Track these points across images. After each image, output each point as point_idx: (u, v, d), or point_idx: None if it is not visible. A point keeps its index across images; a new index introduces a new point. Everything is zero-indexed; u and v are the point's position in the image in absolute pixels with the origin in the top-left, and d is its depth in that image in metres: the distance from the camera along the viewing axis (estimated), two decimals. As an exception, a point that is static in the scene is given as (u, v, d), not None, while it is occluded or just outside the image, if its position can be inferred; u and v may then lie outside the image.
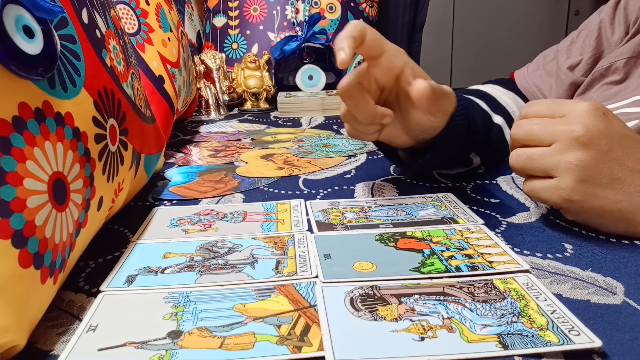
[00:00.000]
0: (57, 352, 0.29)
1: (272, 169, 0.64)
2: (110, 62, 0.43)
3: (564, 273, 0.36)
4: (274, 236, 0.43)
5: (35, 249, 0.28)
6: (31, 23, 0.30)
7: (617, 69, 0.57)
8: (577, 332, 0.28)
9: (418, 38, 1.50)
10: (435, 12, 2.88)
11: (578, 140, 0.38)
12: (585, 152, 0.38)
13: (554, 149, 0.39)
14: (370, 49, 0.44)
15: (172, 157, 0.72)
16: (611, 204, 0.39)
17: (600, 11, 0.64)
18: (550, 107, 0.42)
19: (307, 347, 0.28)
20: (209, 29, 1.25)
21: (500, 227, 0.44)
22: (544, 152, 0.40)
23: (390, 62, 0.45)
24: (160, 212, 0.50)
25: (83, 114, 0.36)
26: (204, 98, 1.07)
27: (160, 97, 0.73)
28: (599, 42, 0.62)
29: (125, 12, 0.73)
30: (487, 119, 0.59)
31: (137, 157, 0.48)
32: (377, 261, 0.38)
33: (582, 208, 0.39)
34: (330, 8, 1.21)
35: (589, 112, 0.39)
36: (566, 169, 0.39)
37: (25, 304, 0.28)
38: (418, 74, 0.46)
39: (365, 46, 0.44)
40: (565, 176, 0.39)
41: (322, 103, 1.03)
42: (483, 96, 0.63)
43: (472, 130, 0.53)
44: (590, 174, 0.38)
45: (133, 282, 0.36)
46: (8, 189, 0.27)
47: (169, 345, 0.29)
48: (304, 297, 0.33)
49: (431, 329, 0.29)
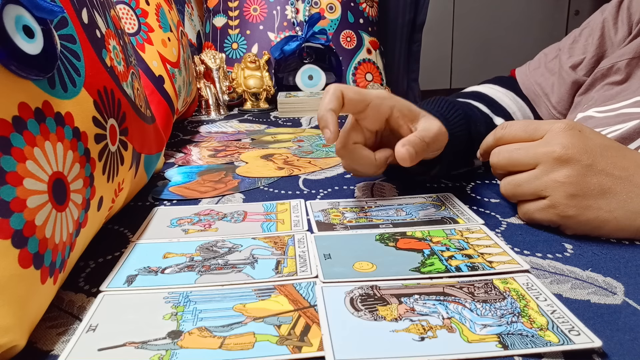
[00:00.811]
0: (57, 352, 0.29)
1: (272, 169, 0.64)
2: (110, 62, 0.43)
3: (564, 273, 0.36)
4: (274, 236, 0.43)
5: (35, 249, 0.28)
6: (31, 23, 0.30)
7: (619, 69, 0.57)
8: (577, 332, 0.28)
9: (418, 38, 1.50)
10: (435, 12, 2.89)
11: (560, 159, 0.39)
12: (570, 169, 0.39)
13: (539, 171, 0.40)
14: (352, 107, 0.46)
15: (172, 157, 0.72)
16: (606, 214, 0.39)
17: (603, 10, 0.64)
18: (526, 129, 0.42)
19: (307, 347, 0.28)
20: (209, 29, 1.25)
21: (500, 227, 0.44)
22: (530, 176, 0.41)
23: (377, 111, 0.47)
24: (160, 212, 0.50)
25: (83, 114, 0.36)
26: (204, 98, 1.07)
27: (160, 97, 0.73)
28: (601, 42, 0.62)
29: (125, 12, 0.73)
30: (488, 121, 0.59)
31: (137, 157, 0.48)
32: (377, 261, 0.38)
33: (579, 222, 0.40)
34: (330, 8, 1.21)
35: (565, 132, 0.40)
36: (555, 187, 0.39)
37: (25, 304, 0.28)
38: (406, 113, 0.47)
39: (346, 107, 0.45)
40: (555, 194, 0.40)
41: (322, 103, 1.03)
42: (483, 98, 0.63)
43: (473, 137, 0.53)
44: (580, 188, 0.39)
45: (133, 282, 0.36)
46: (8, 189, 0.27)
47: (169, 345, 0.29)
48: (304, 297, 0.33)
49: (431, 329, 0.29)
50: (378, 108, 0.46)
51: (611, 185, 0.39)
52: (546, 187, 0.40)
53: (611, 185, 0.39)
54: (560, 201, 0.39)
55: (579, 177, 0.39)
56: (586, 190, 0.39)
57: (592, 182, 0.39)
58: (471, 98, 0.63)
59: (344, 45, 1.21)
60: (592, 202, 0.39)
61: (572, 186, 0.39)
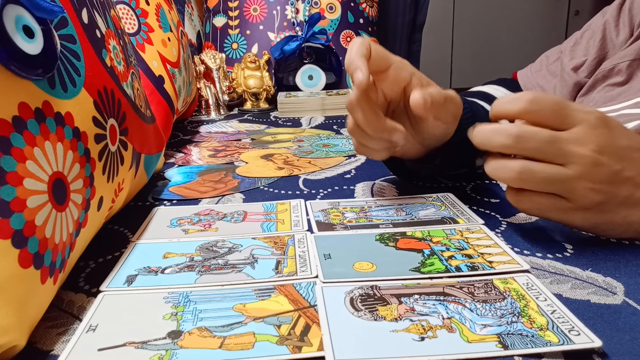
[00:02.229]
0: (57, 352, 0.29)
1: (272, 169, 0.64)
2: (110, 62, 0.43)
3: (564, 273, 0.36)
4: (274, 236, 0.43)
5: (35, 249, 0.28)
6: (31, 23, 0.30)
7: (620, 70, 0.57)
8: (577, 332, 0.28)
9: (418, 38, 1.50)
10: (435, 12, 2.89)
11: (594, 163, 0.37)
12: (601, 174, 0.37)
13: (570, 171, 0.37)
14: (376, 63, 0.44)
15: (172, 157, 0.72)
16: (621, 218, 0.38)
17: (604, 12, 0.64)
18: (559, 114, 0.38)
19: (307, 347, 0.28)
20: (209, 29, 1.25)
21: (500, 227, 0.44)
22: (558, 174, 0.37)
23: (397, 74, 0.45)
24: (160, 212, 0.50)
25: (83, 114, 0.36)
26: (204, 98, 1.07)
27: (160, 97, 0.73)
28: (603, 44, 0.62)
29: (125, 12, 0.73)
30: None
31: (137, 157, 0.48)
32: (377, 261, 0.38)
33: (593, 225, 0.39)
34: (330, 8, 1.21)
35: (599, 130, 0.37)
36: (583, 194, 0.37)
37: (25, 304, 0.28)
38: (424, 83, 0.45)
39: (372, 62, 0.43)
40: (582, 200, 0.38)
41: (322, 103, 1.03)
42: (487, 98, 0.63)
43: None
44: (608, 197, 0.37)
45: (133, 282, 0.36)
46: (8, 189, 0.27)
47: (169, 345, 0.29)
48: (304, 297, 0.33)
49: (431, 329, 0.29)
50: (399, 72, 0.45)
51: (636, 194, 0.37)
52: (574, 190, 0.37)
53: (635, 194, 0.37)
54: (586, 206, 0.38)
55: (609, 185, 0.37)
56: (612, 197, 0.37)
57: (621, 192, 0.37)
58: (476, 97, 0.63)
59: (344, 45, 1.21)
60: (615, 210, 0.38)
61: (601, 194, 0.37)
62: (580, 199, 0.38)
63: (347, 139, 0.80)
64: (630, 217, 0.38)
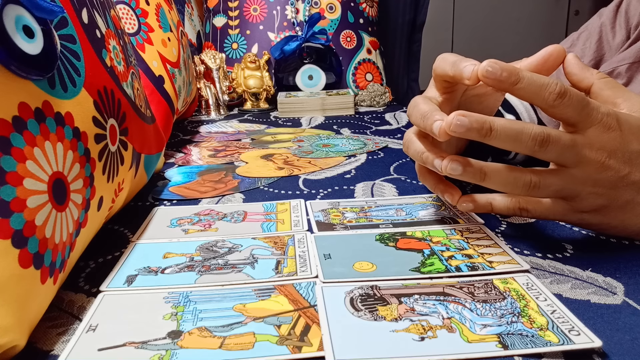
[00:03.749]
0: (57, 352, 0.29)
1: (272, 169, 0.64)
2: (110, 62, 0.43)
3: (564, 273, 0.36)
4: (274, 236, 0.43)
5: (35, 249, 0.28)
6: (31, 23, 0.30)
7: (620, 73, 0.57)
8: (577, 332, 0.28)
9: (418, 38, 1.49)
10: (435, 12, 2.88)
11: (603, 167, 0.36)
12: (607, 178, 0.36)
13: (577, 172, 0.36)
14: None
15: (172, 157, 0.72)
16: (618, 222, 0.38)
17: (600, 14, 0.64)
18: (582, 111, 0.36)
19: (307, 347, 0.28)
20: (209, 29, 1.25)
21: (500, 227, 0.44)
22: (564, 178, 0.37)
23: None
24: (160, 212, 0.50)
25: (83, 114, 0.36)
26: (204, 98, 1.07)
27: (160, 97, 0.73)
28: (599, 46, 0.62)
29: (125, 12, 0.73)
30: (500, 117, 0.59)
31: (137, 157, 0.48)
32: (377, 261, 0.38)
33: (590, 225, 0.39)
34: (330, 8, 1.21)
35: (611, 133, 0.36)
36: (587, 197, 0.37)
37: (25, 304, 0.28)
38: None
39: None
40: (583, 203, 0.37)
41: (322, 103, 1.03)
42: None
43: None
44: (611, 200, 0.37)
45: (133, 282, 0.36)
46: (8, 189, 0.27)
47: (169, 345, 0.29)
48: (304, 297, 0.33)
49: (431, 329, 0.29)
50: None
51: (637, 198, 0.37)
52: (578, 194, 0.37)
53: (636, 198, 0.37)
54: (585, 209, 0.38)
55: (612, 190, 0.37)
56: (613, 201, 0.37)
57: (623, 196, 0.37)
58: None
59: (344, 45, 1.21)
60: (613, 214, 0.38)
61: (603, 198, 0.37)
62: (581, 202, 0.37)
63: (347, 139, 0.80)
64: (627, 221, 0.38)
